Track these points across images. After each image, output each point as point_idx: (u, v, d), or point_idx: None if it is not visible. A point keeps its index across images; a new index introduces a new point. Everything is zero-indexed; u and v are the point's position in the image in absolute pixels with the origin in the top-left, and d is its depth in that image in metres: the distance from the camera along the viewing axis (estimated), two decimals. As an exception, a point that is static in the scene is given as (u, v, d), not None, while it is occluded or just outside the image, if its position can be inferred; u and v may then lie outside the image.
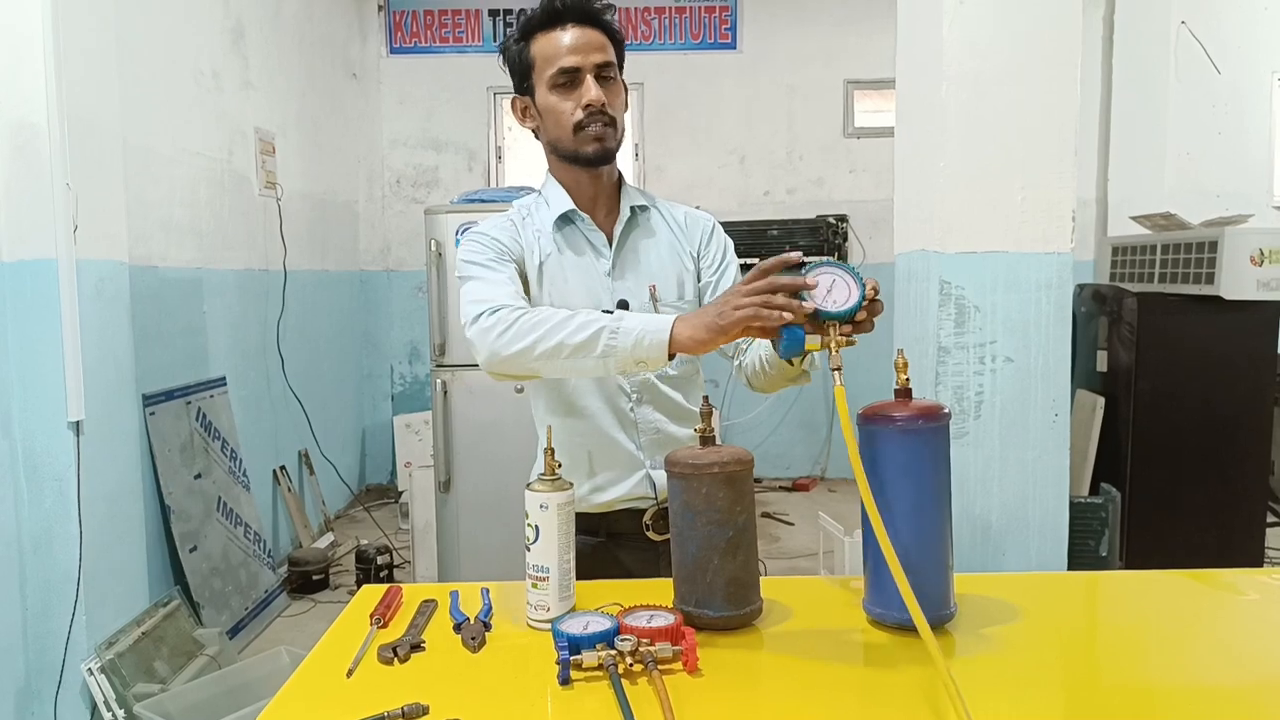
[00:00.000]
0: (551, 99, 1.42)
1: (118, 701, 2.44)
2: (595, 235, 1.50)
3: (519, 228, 1.50)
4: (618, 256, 1.50)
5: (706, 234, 1.58)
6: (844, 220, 5.52)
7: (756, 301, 1.14)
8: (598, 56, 1.41)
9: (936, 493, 1.16)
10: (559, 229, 1.50)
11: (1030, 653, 1.17)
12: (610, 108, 1.42)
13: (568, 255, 1.50)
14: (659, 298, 1.49)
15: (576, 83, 1.40)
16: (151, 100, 3.23)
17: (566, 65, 1.40)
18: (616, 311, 1.31)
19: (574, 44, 1.40)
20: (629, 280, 1.50)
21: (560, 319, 1.27)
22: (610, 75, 1.43)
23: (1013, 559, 2.17)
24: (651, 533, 1.50)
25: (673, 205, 1.60)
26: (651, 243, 1.54)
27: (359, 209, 5.57)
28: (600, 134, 1.42)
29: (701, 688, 1.06)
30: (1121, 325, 3.06)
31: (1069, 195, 2.04)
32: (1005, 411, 2.13)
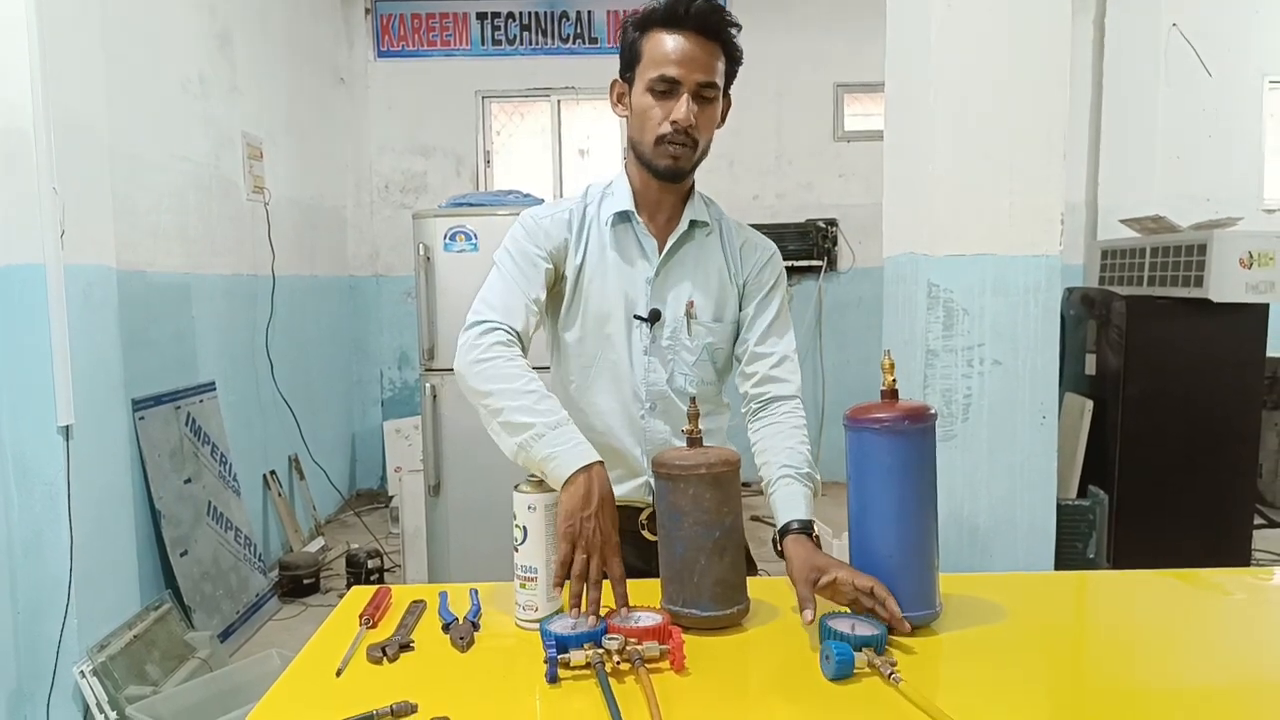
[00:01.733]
0: (644, 101, 1.39)
1: (110, 704, 2.43)
2: (648, 240, 1.48)
3: (572, 220, 1.49)
4: (664, 265, 1.48)
5: (760, 264, 1.55)
6: (834, 224, 5.54)
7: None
8: (701, 75, 1.36)
9: (922, 493, 1.17)
10: (614, 225, 1.49)
11: (1015, 652, 1.18)
12: (696, 130, 1.38)
13: (614, 255, 1.48)
14: (695, 315, 1.48)
15: (673, 94, 1.37)
16: (138, 106, 3.22)
17: (668, 75, 1.36)
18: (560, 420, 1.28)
19: (682, 54, 1.35)
20: (670, 292, 1.48)
21: (517, 387, 1.30)
22: (710, 95, 1.38)
23: (1000, 561, 2.18)
24: (646, 532, 1.48)
25: (741, 229, 1.57)
26: (702, 259, 1.51)
27: (347, 214, 5.56)
28: (677, 154, 1.39)
29: (688, 687, 1.07)
30: (1110, 328, 3.08)
31: (1057, 199, 2.05)
32: (993, 414, 2.14)
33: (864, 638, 1.08)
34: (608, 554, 1.20)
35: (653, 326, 1.47)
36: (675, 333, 1.48)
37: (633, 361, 1.48)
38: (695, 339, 1.49)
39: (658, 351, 1.48)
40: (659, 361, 1.48)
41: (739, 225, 1.58)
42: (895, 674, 1.03)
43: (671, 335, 1.48)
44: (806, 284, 5.62)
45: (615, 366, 1.49)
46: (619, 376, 1.49)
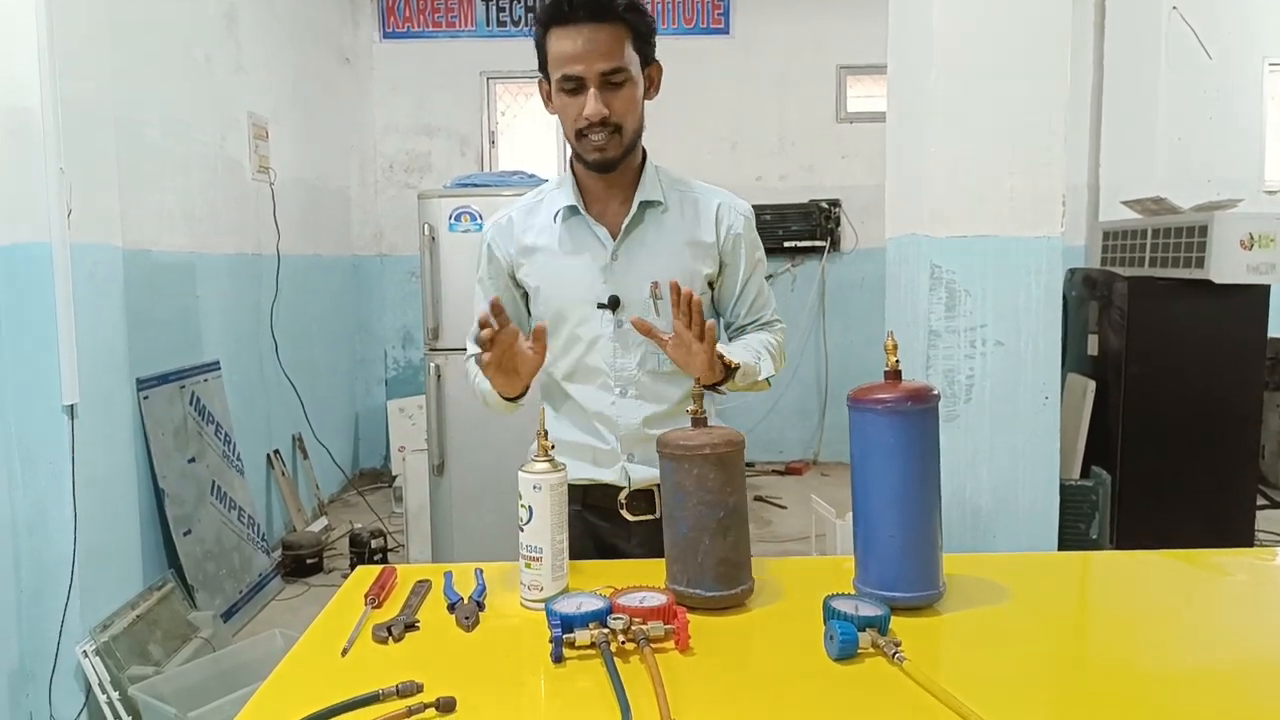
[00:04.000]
0: (560, 100, 1.40)
1: (112, 684, 2.45)
2: (598, 228, 1.48)
3: (513, 227, 1.53)
4: (620, 250, 1.48)
5: (732, 234, 1.52)
6: (836, 205, 5.53)
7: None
8: (602, 64, 1.34)
9: (925, 474, 1.18)
10: (564, 220, 1.49)
11: (1018, 633, 1.19)
12: (614, 115, 1.37)
13: (567, 248, 1.49)
14: (660, 294, 1.46)
15: (581, 89, 1.36)
16: (144, 85, 3.21)
17: (568, 73, 1.35)
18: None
19: (579, 50, 1.34)
20: (630, 276, 1.47)
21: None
22: (619, 80, 1.36)
23: (1003, 542, 2.19)
24: (626, 512, 1.51)
25: (709, 193, 1.54)
26: (662, 236, 1.49)
27: (352, 194, 5.55)
28: (601, 144, 1.39)
29: (693, 666, 1.07)
30: (1112, 309, 3.07)
31: (1059, 180, 2.05)
32: (996, 395, 2.15)
33: (867, 618, 1.09)
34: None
35: (614, 312, 1.47)
36: (643, 316, 1.45)
37: (599, 349, 1.49)
38: (665, 318, 1.45)
39: (622, 337, 1.48)
40: (623, 346, 1.48)
41: (710, 189, 1.55)
42: (899, 654, 1.04)
43: (635, 314, 1.45)
44: (809, 265, 5.61)
45: (583, 356, 1.50)
46: (588, 366, 1.50)
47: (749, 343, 1.52)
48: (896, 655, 1.04)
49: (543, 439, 1.26)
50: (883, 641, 1.07)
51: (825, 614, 1.12)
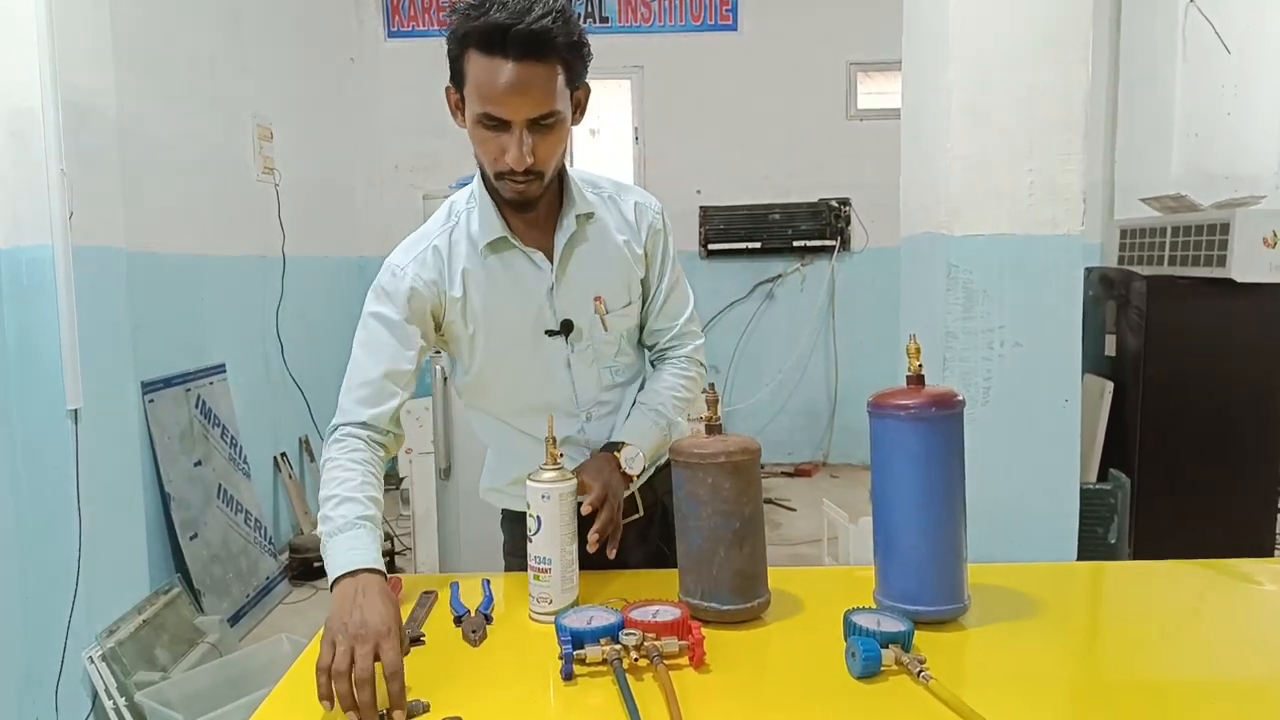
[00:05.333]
0: (477, 131, 1.22)
1: (119, 690, 2.42)
2: (534, 254, 1.34)
3: (439, 256, 1.34)
4: (560, 272, 1.35)
5: (653, 232, 1.43)
6: (846, 204, 5.48)
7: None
8: (532, 110, 1.17)
9: (950, 482, 1.14)
10: (491, 253, 1.34)
11: (1046, 647, 1.15)
12: (539, 162, 1.21)
13: (503, 282, 1.34)
14: (608, 309, 1.38)
15: (504, 129, 1.19)
16: (148, 86, 3.18)
17: (493, 113, 1.18)
18: (345, 526, 1.15)
19: (508, 88, 1.15)
20: (574, 296, 1.36)
21: (327, 493, 1.20)
22: (549, 123, 1.20)
23: (1020, 548, 2.14)
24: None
25: (621, 192, 1.43)
26: (597, 248, 1.38)
27: (358, 195, 5.52)
28: (522, 189, 1.24)
29: (709, 683, 1.04)
30: (1130, 309, 3.02)
31: (1079, 177, 2.00)
32: (1014, 397, 2.10)
33: (890, 634, 1.05)
34: (379, 641, 0.99)
35: (568, 337, 1.37)
36: (591, 332, 1.38)
37: (556, 379, 1.39)
38: (612, 330, 1.40)
39: (580, 361, 1.39)
40: (583, 369, 1.39)
41: (619, 185, 1.44)
42: (925, 671, 1.00)
43: (589, 337, 1.38)
44: (819, 264, 5.56)
45: (539, 390, 1.39)
46: (546, 398, 1.39)
47: (654, 402, 1.41)
48: (922, 674, 1.00)
49: (551, 447, 1.22)
50: (907, 659, 1.03)
51: (846, 629, 1.08)
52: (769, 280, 5.58)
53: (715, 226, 5.51)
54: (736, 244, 5.50)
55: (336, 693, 0.96)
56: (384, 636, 1.00)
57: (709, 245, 5.52)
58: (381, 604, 1.05)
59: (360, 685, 0.96)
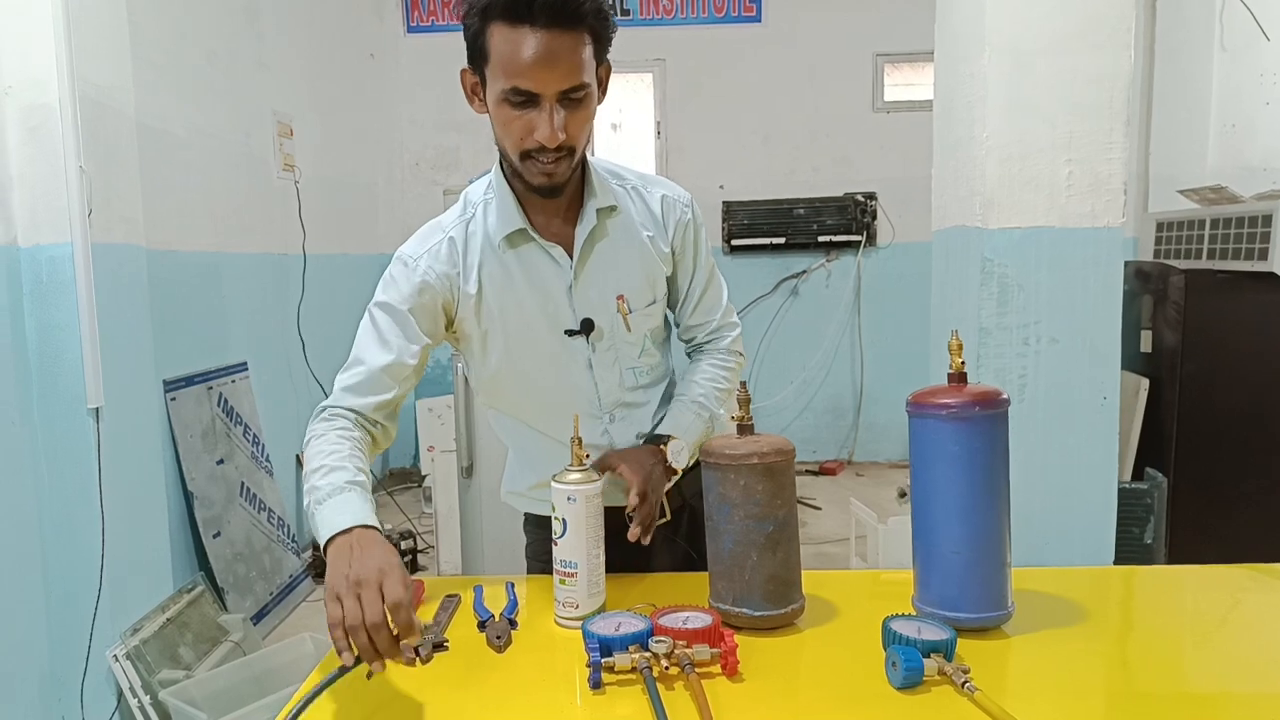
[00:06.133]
0: (502, 111, 1.16)
1: (143, 687, 2.42)
2: (553, 248, 1.28)
3: (453, 249, 1.29)
4: (580, 269, 1.29)
5: (681, 228, 1.37)
6: (872, 198, 5.40)
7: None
8: (563, 82, 1.12)
9: (993, 485, 1.09)
10: (508, 247, 1.28)
11: (1094, 655, 1.10)
12: (570, 138, 1.16)
13: (520, 278, 1.29)
14: (630, 308, 1.32)
15: (533, 104, 1.13)
16: (165, 83, 3.17)
17: (521, 87, 1.12)
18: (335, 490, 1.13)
19: (537, 59, 1.09)
20: (594, 293, 1.30)
21: (314, 465, 1.18)
22: (579, 97, 1.15)
23: (1056, 548, 2.09)
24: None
25: (648, 185, 1.37)
26: (620, 244, 1.32)
27: (378, 191, 5.50)
28: (551, 170, 1.18)
29: (742, 693, 1.00)
30: (1167, 304, 2.94)
31: (1121, 167, 1.93)
32: (1050, 395, 2.04)
33: (932, 642, 1.00)
34: (381, 582, 0.97)
35: (589, 337, 1.31)
36: (613, 332, 1.32)
37: (578, 381, 1.33)
38: (635, 331, 1.34)
39: (602, 362, 1.33)
40: (606, 371, 1.34)
41: (644, 178, 1.38)
42: (969, 683, 0.95)
43: (610, 337, 1.32)
44: (845, 259, 5.49)
45: (561, 391, 1.34)
46: (569, 399, 1.33)
47: (695, 394, 1.38)
48: (966, 685, 0.95)
49: (577, 447, 1.19)
50: (950, 669, 0.98)
51: (885, 638, 1.04)
52: (793, 276, 5.52)
53: (739, 222, 5.46)
54: (760, 239, 5.44)
55: (356, 645, 0.94)
56: (386, 575, 0.97)
57: (732, 241, 5.47)
58: (377, 549, 1.02)
59: (375, 630, 0.94)
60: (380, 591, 0.95)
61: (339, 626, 0.94)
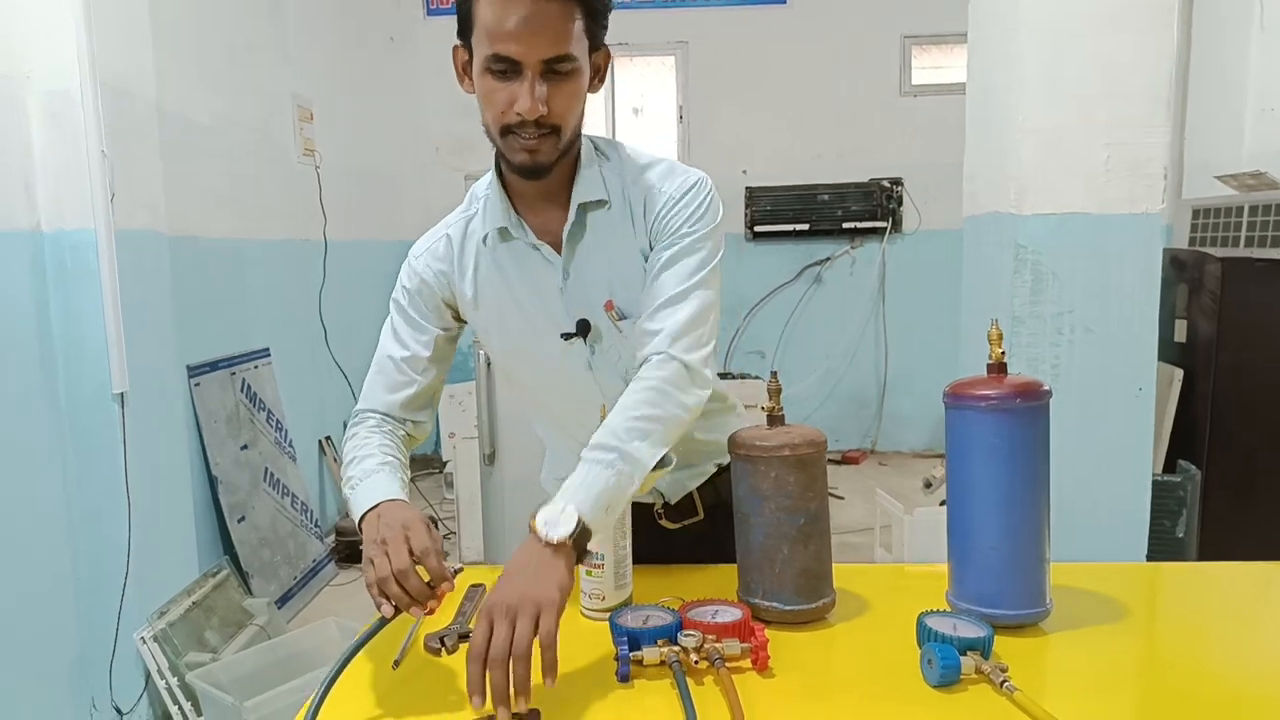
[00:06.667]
0: (484, 82, 1.10)
1: (170, 670, 2.44)
2: (543, 246, 1.22)
3: (451, 246, 1.27)
4: (569, 266, 1.21)
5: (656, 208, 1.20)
6: (899, 184, 5.34)
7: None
8: (546, 50, 1.06)
9: (1034, 479, 1.05)
10: (500, 242, 1.23)
11: (1132, 655, 1.07)
12: (553, 114, 1.09)
13: (514, 276, 1.23)
14: (620, 313, 1.20)
15: (515, 74, 1.08)
16: (185, 68, 3.17)
17: (502, 53, 1.06)
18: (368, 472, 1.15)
19: (519, 25, 1.04)
20: (586, 293, 1.22)
21: (344, 467, 1.21)
22: (565, 70, 1.08)
23: (1087, 541, 2.05)
24: (665, 521, 1.36)
25: (652, 170, 1.22)
26: (605, 244, 1.21)
27: (399, 177, 5.50)
28: (532, 146, 1.11)
29: (772, 688, 0.98)
30: (1203, 293, 2.88)
31: (1161, 151, 1.88)
32: (1084, 386, 2.00)
33: (969, 640, 0.97)
34: (406, 535, 1.01)
35: (587, 339, 1.23)
36: (611, 334, 1.23)
37: (579, 383, 1.26)
38: (630, 340, 1.21)
39: (603, 364, 1.24)
40: (608, 372, 1.24)
41: (655, 164, 1.23)
42: (1008, 682, 0.92)
43: (610, 339, 1.24)
44: (869, 246, 5.43)
45: (564, 391, 1.29)
46: (573, 400, 1.28)
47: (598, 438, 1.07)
48: (1005, 684, 0.92)
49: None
50: (987, 667, 0.95)
51: (920, 634, 1.01)
52: (817, 263, 5.47)
53: (762, 208, 5.41)
54: (784, 225, 5.39)
55: (390, 596, 0.99)
56: (409, 528, 1.03)
57: (755, 227, 5.42)
58: (402, 511, 1.07)
59: (403, 577, 0.99)
60: (406, 543, 1.00)
61: (373, 586, 1.00)
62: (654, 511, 1.32)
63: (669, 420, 1.09)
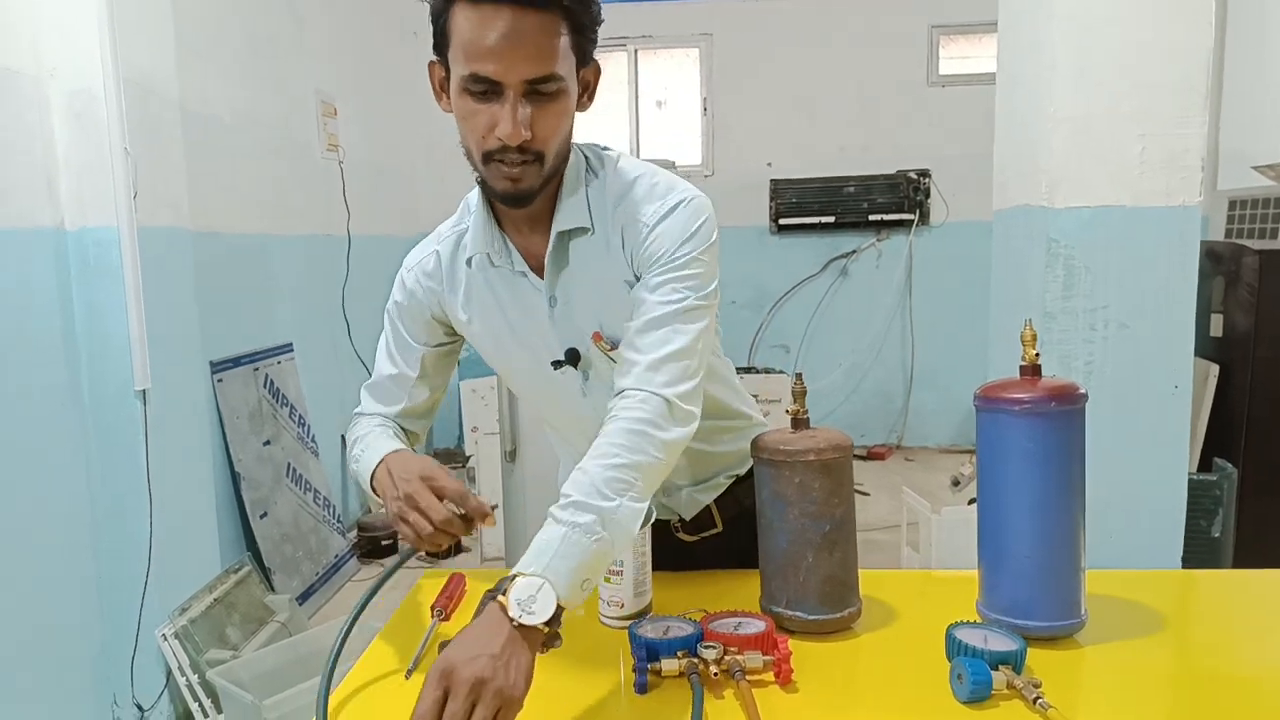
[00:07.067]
0: (463, 103, 1.02)
1: (191, 667, 2.44)
2: (529, 273, 1.15)
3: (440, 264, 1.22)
4: (555, 293, 1.14)
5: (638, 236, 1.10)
6: (926, 175, 5.26)
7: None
8: (529, 69, 0.97)
9: (1069, 485, 1.02)
10: (490, 265, 1.17)
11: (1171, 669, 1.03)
12: (537, 140, 1.01)
13: (506, 300, 1.18)
14: (610, 342, 1.12)
15: (496, 95, 0.99)
16: (208, 66, 3.16)
17: (481, 74, 0.98)
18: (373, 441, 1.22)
19: (500, 43, 0.96)
20: (574, 321, 1.15)
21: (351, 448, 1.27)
22: (550, 91, 1.00)
23: (1121, 543, 1.99)
24: (682, 534, 1.32)
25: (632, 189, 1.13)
26: (589, 273, 1.13)
27: (421, 171, 5.49)
28: (515, 174, 1.03)
29: (794, 702, 0.95)
30: (1240, 286, 2.81)
31: (1198, 141, 1.82)
32: (1118, 383, 1.94)
33: (1000, 653, 0.94)
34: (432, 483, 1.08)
35: (578, 366, 1.17)
36: (603, 363, 1.15)
37: (575, 408, 1.20)
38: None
39: (596, 390, 1.17)
40: (603, 398, 1.11)
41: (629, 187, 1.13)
42: (1041, 699, 0.89)
43: (601, 366, 1.16)
44: (896, 239, 5.36)
45: (561, 411, 1.25)
46: (572, 419, 1.24)
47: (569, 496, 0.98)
48: (1039, 701, 0.89)
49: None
50: (1020, 682, 0.92)
51: (949, 647, 0.98)
52: (843, 256, 5.41)
53: (787, 200, 5.35)
54: (809, 218, 5.33)
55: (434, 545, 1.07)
56: (432, 477, 1.07)
57: (780, 220, 5.37)
58: (412, 461, 1.12)
59: (446, 525, 1.05)
60: (433, 492, 1.05)
61: (421, 542, 1.06)
62: (671, 525, 1.29)
63: (648, 468, 0.99)
